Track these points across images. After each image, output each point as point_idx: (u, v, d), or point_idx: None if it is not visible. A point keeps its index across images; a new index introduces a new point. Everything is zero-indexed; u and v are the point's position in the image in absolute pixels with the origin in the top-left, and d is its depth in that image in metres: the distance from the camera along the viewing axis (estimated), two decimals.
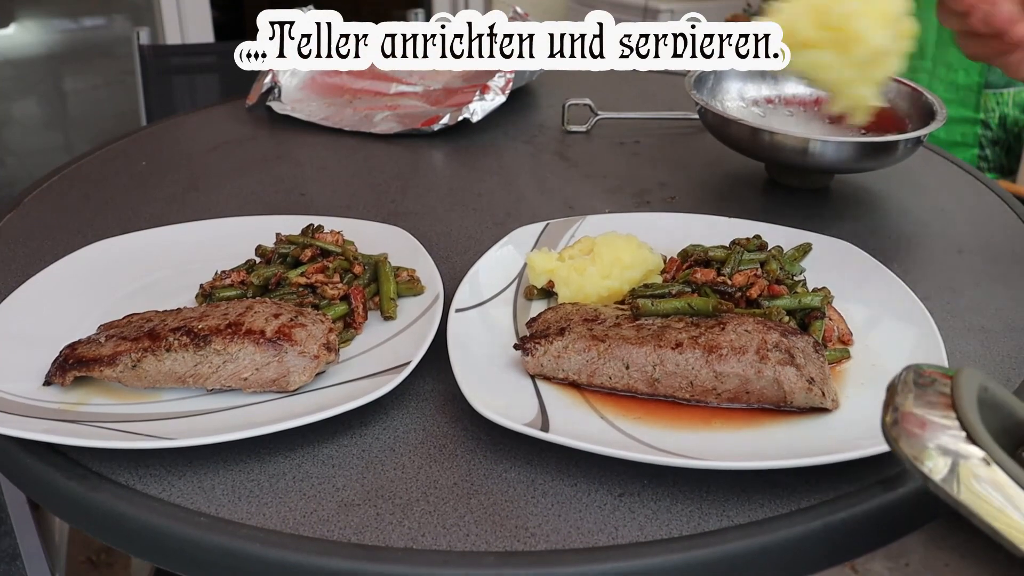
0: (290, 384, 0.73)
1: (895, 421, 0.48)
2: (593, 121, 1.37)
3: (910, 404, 0.49)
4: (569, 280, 0.84)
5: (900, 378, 0.51)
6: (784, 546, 0.62)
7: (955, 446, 0.46)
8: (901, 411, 0.49)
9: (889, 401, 0.50)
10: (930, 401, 0.49)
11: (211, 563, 0.63)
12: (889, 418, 0.49)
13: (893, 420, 0.49)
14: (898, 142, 1.06)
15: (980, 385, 0.49)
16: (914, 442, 0.47)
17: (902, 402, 0.49)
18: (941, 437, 0.46)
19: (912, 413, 0.48)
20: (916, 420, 0.48)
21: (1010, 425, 0.50)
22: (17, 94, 3.74)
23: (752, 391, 0.71)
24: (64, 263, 0.92)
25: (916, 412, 0.48)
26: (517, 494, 0.66)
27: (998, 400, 0.50)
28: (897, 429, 0.48)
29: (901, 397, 0.49)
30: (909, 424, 0.47)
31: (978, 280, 0.94)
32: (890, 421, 0.49)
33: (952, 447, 0.46)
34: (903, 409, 0.49)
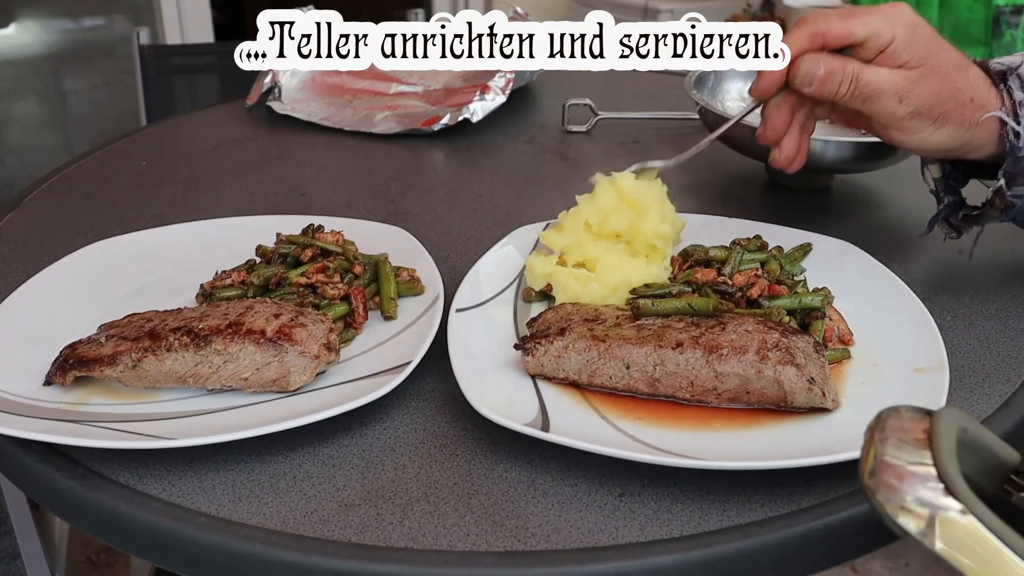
0: (290, 384, 0.73)
1: (873, 471, 0.47)
2: (593, 121, 1.37)
3: (888, 452, 0.47)
4: (568, 285, 0.84)
5: (878, 423, 0.50)
6: (784, 546, 0.62)
7: (933, 499, 0.44)
8: (879, 460, 0.47)
9: (868, 448, 0.48)
10: (908, 448, 0.47)
11: (211, 563, 0.63)
12: (868, 466, 0.48)
13: (872, 470, 0.47)
14: None
15: (960, 427, 0.48)
16: (891, 495, 0.45)
17: (880, 449, 0.47)
18: (919, 490, 0.45)
19: (889, 463, 0.47)
20: (893, 471, 0.46)
21: (992, 464, 0.49)
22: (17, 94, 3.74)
23: (752, 391, 0.71)
24: (64, 263, 0.92)
25: (893, 462, 0.47)
26: (517, 494, 0.66)
27: (979, 441, 0.49)
28: (875, 480, 0.46)
29: (879, 445, 0.48)
30: (886, 475, 0.46)
31: (978, 280, 0.94)
32: (868, 470, 0.47)
33: (930, 500, 0.44)
34: (881, 458, 0.47)
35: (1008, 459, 0.50)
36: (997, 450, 0.50)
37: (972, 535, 0.43)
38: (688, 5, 3.16)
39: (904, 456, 0.47)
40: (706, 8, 3.17)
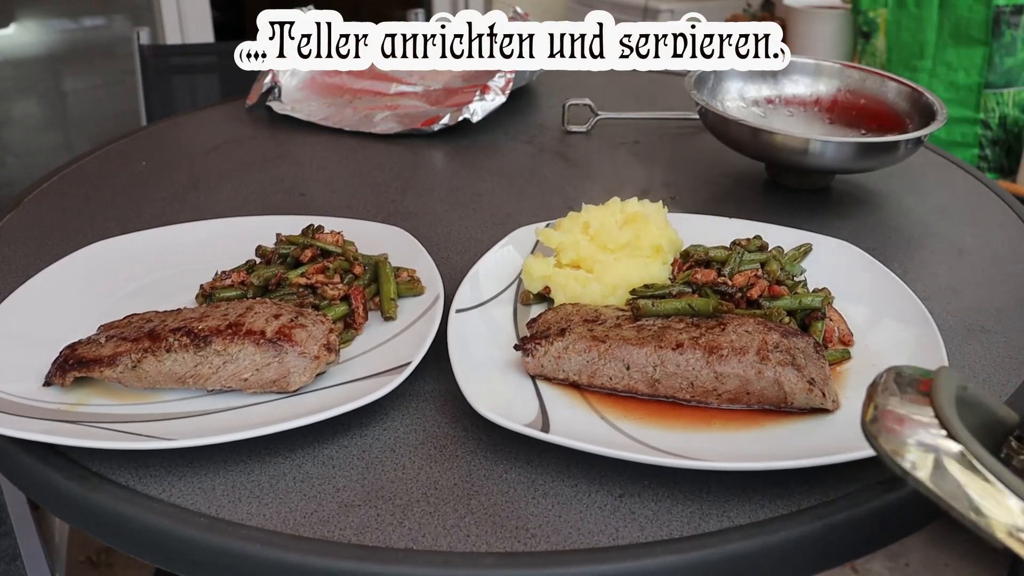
0: (290, 385, 0.73)
1: (875, 418, 0.49)
2: (593, 121, 1.37)
3: (890, 402, 0.49)
4: (566, 287, 0.84)
5: (880, 379, 0.52)
6: (784, 546, 0.62)
7: (933, 441, 0.46)
8: (881, 409, 0.49)
9: (869, 400, 0.50)
10: (910, 400, 0.49)
11: (211, 563, 0.63)
12: (869, 415, 0.50)
13: (873, 417, 0.49)
14: (898, 142, 1.06)
15: (959, 384, 0.50)
16: (893, 438, 0.47)
17: (882, 401, 0.50)
18: (920, 433, 0.47)
19: (892, 411, 0.49)
20: (895, 417, 0.48)
21: (990, 423, 0.51)
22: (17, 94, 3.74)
23: (752, 392, 0.71)
24: (64, 263, 0.92)
25: (896, 410, 0.49)
26: (517, 495, 0.66)
27: (978, 399, 0.51)
28: (876, 426, 0.49)
29: (881, 396, 0.50)
30: (888, 421, 0.48)
31: (978, 280, 0.94)
32: (870, 418, 0.49)
33: (930, 442, 0.46)
34: (883, 408, 0.49)
35: (1007, 420, 0.51)
36: (996, 410, 0.51)
37: (970, 475, 0.44)
38: (688, 5, 3.16)
39: (905, 405, 0.49)
40: (706, 8, 3.17)
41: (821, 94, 1.25)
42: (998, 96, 2.18)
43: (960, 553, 1.84)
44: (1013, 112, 2.18)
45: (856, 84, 1.23)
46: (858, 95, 1.23)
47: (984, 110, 2.19)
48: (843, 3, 2.59)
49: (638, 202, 0.90)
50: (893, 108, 1.18)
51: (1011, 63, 2.15)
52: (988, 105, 2.18)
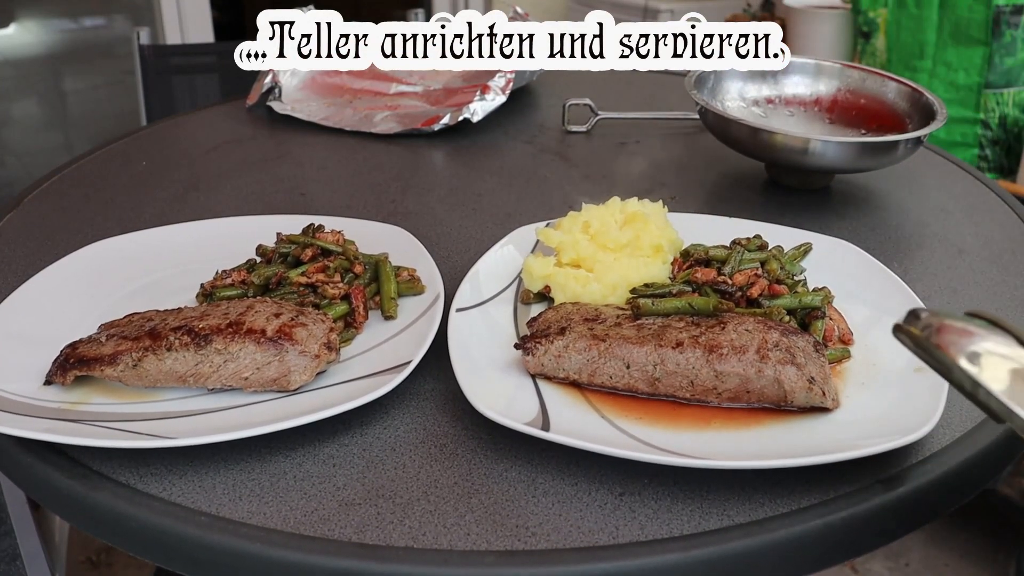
0: (291, 383, 0.73)
1: (931, 331, 0.44)
2: (593, 121, 1.37)
3: (944, 319, 0.45)
4: (566, 286, 0.84)
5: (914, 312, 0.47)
6: (784, 546, 0.62)
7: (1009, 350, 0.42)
8: (938, 323, 0.45)
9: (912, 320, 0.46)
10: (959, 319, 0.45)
11: (212, 562, 0.63)
12: (920, 330, 0.45)
13: (927, 330, 0.45)
14: (898, 142, 1.06)
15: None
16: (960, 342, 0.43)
17: (934, 318, 0.45)
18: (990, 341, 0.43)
19: (951, 324, 0.44)
20: (956, 330, 0.44)
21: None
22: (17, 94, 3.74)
23: (752, 390, 0.71)
24: (64, 263, 0.92)
25: (954, 323, 0.44)
26: (518, 493, 0.66)
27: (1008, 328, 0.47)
28: (936, 337, 0.44)
29: (930, 315, 0.45)
30: (950, 334, 0.44)
31: (978, 280, 0.94)
32: (922, 332, 0.45)
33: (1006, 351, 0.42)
34: (939, 322, 0.45)
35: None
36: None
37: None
38: (688, 5, 3.16)
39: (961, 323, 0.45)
40: (706, 8, 3.17)
41: (821, 94, 1.25)
42: (998, 96, 2.18)
43: (960, 553, 1.84)
44: (1013, 112, 2.18)
45: (856, 84, 1.23)
46: (858, 95, 1.23)
47: (984, 110, 2.19)
48: (843, 3, 2.59)
49: (638, 202, 0.90)
50: (893, 108, 1.18)
51: (1011, 63, 2.15)
52: (988, 105, 2.19)
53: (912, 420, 0.67)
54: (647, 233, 0.87)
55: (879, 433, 0.66)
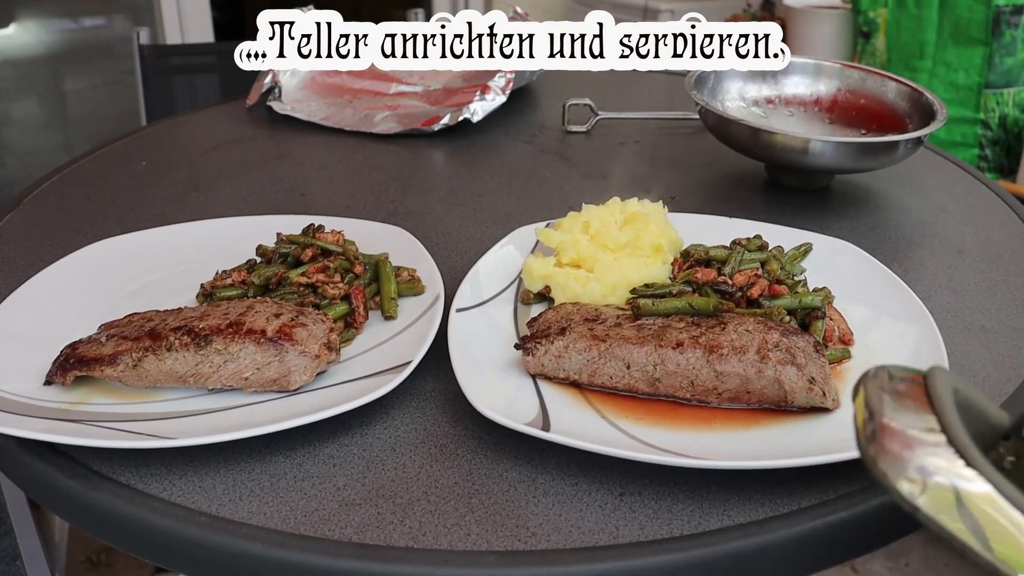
0: (291, 384, 0.73)
1: (872, 435, 0.41)
2: (593, 121, 1.37)
3: (888, 414, 0.42)
4: (566, 286, 0.84)
5: (870, 382, 0.44)
6: (784, 546, 0.62)
7: (948, 469, 0.39)
8: (879, 423, 0.41)
9: (864, 410, 0.43)
10: (910, 411, 0.42)
11: (212, 562, 0.63)
12: (865, 430, 0.42)
13: (870, 433, 0.42)
14: (898, 142, 1.06)
15: (953, 388, 0.44)
16: (897, 465, 0.40)
17: (879, 412, 0.42)
18: (929, 458, 0.40)
19: (892, 427, 0.41)
20: (898, 437, 0.41)
21: (982, 427, 0.45)
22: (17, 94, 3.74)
23: (753, 391, 0.71)
24: (64, 263, 0.92)
25: (897, 426, 0.41)
26: (518, 494, 0.66)
27: (970, 402, 0.45)
28: (876, 447, 0.41)
29: (876, 403, 0.42)
30: (890, 441, 0.41)
31: (978, 280, 0.94)
32: (866, 434, 0.42)
33: (944, 470, 0.39)
34: (881, 421, 0.41)
35: (998, 422, 0.46)
36: (987, 412, 0.46)
37: (992, 508, 0.38)
38: (688, 5, 3.16)
39: (906, 419, 0.41)
40: (706, 8, 3.17)
41: (821, 94, 1.25)
42: (998, 96, 2.18)
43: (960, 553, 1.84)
44: (1013, 112, 2.18)
45: (856, 84, 1.23)
46: (858, 95, 1.23)
47: (984, 110, 2.19)
48: (843, 3, 2.59)
49: (638, 202, 0.90)
50: (893, 108, 1.18)
51: (1011, 63, 2.15)
52: (988, 105, 2.19)
53: None
54: (647, 233, 0.87)
55: None
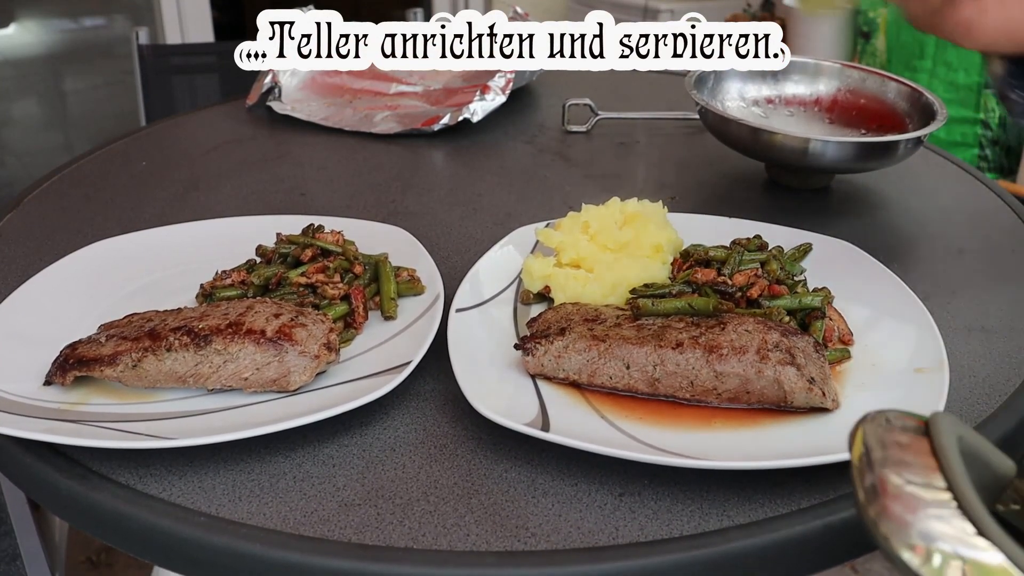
0: (290, 384, 0.73)
1: (873, 493, 0.38)
2: (593, 121, 1.37)
3: (890, 472, 0.38)
4: (566, 286, 0.84)
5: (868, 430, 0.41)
6: (784, 546, 0.62)
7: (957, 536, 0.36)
8: (880, 480, 0.38)
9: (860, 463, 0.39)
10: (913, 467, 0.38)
11: (211, 563, 0.63)
12: (864, 485, 0.38)
13: (871, 491, 0.38)
14: (898, 142, 1.06)
15: (957, 436, 0.40)
16: (901, 530, 0.36)
17: (880, 468, 0.38)
18: (936, 524, 0.36)
19: (895, 488, 0.37)
20: (902, 499, 0.37)
21: (987, 477, 0.42)
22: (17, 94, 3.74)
23: (752, 391, 0.71)
24: (64, 263, 0.92)
25: (899, 486, 0.37)
26: (518, 494, 0.66)
27: (974, 450, 0.41)
28: (877, 509, 0.37)
29: (877, 459, 0.39)
30: (893, 503, 0.37)
31: (978, 280, 0.94)
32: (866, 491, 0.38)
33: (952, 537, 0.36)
34: (883, 478, 0.38)
35: (1004, 471, 0.43)
36: (992, 460, 0.43)
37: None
38: (688, 5, 3.16)
39: (910, 477, 0.37)
40: (706, 8, 3.17)
41: (821, 94, 1.25)
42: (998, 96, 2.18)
43: None
44: None
45: (856, 84, 1.23)
46: (858, 95, 1.23)
47: (984, 110, 2.19)
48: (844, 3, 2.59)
49: (638, 202, 0.90)
50: (893, 108, 1.18)
51: None
52: (988, 105, 2.19)
53: None
54: (647, 233, 0.86)
55: None
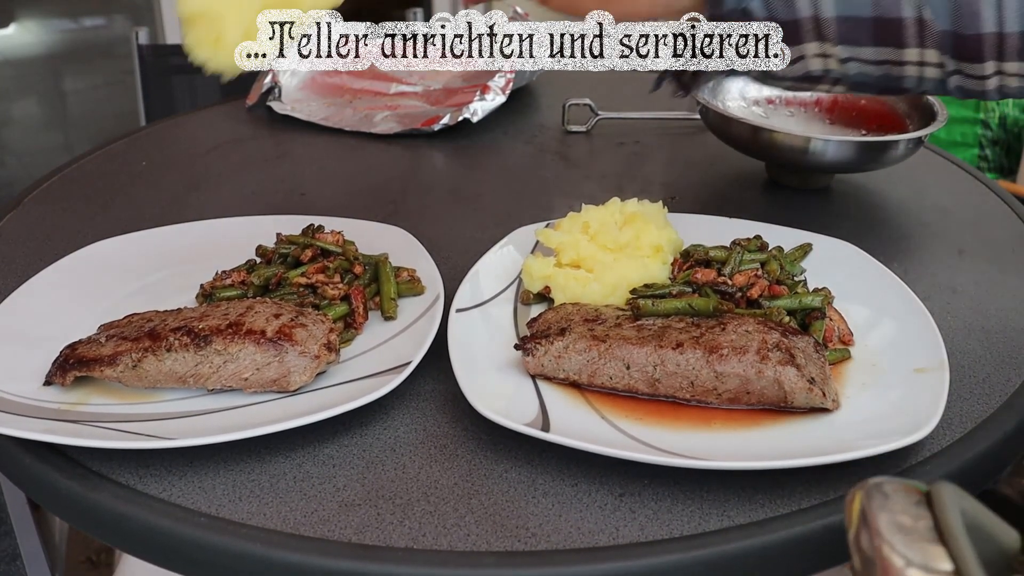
0: (291, 384, 0.73)
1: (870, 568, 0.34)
2: (593, 121, 1.37)
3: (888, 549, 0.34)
4: (566, 287, 0.84)
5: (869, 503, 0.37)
6: (784, 546, 0.62)
7: None
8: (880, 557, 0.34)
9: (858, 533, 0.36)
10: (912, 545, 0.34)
11: (211, 563, 0.63)
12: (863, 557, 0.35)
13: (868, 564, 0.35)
14: (898, 142, 1.06)
15: (961, 510, 0.37)
16: None
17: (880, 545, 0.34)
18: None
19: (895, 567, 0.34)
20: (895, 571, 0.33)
21: (991, 552, 0.38)
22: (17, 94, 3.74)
23: (753, 391, 0.71)
24: (64, 263, 0.92)
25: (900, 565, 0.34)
26: (518, 494, 0.66)
27: (977, 523, 0.38)
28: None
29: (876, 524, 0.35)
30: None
31: (978, 280, 0.94)
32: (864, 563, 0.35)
33: None
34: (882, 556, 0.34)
35: (1008, 544, 0.40)
36: (997, 534, 0.40)
37: None
38: None
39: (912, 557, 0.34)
40: None
41: (821, 94, 1.25)
42: None
43: None
44: (1013, 112, 2.18)
45: None
46: (858, 95, 1.23)
47: (984, 110, 2.19)
48: None
49: (638, 202, 0.90)
50: (893, 108, 1.18)
51: None
52: (988, 105, 2.18)
53: (912, 421, 0.67)
54: (647, 233, 0.86)
55: (879, 434, 0.66)
